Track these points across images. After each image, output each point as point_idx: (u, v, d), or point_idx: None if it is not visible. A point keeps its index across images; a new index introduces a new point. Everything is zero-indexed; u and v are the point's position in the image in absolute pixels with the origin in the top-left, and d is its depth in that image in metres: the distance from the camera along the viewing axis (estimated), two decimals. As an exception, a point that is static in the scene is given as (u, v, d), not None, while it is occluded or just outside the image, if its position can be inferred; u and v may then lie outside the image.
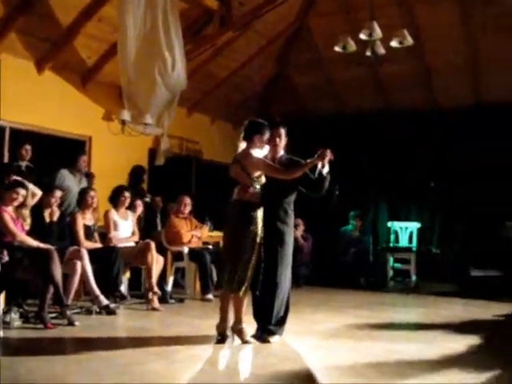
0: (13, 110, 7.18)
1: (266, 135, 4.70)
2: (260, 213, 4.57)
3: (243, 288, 4.52)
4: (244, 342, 4.61)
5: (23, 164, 6.84)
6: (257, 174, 4.58)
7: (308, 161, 4.60)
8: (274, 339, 4.72)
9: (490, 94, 9.74)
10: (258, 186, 4.59)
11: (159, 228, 8.24)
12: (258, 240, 4.55)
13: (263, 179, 4.64)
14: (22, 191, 5.37)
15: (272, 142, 4.80)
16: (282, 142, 4.89)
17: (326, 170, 4.68)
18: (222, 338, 4.65)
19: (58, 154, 7.73)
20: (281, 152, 4.90)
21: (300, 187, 4.81)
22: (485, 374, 3.80)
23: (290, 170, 4.66)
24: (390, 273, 9.54)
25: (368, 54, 7.24)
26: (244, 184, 4.58)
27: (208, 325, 5.47)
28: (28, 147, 6.86)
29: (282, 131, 4.87)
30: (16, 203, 5.37)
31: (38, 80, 7.67)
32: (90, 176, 7.72)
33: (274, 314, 4.74)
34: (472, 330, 5.44)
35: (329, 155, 4.60)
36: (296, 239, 8.65)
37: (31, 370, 3.68)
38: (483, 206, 9.58)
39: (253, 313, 4.85)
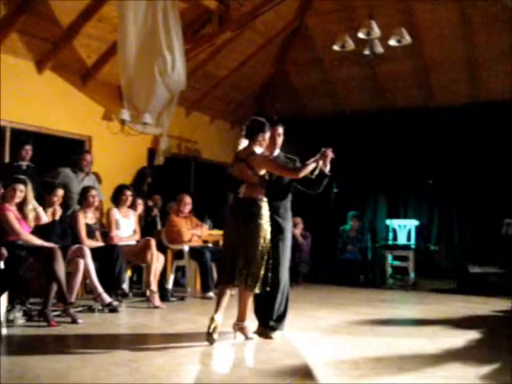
0: (13, 110, 7.22)
1: (268, 134, 4.77)
2: (267, 210, 4.62)
3: (258, 284, 4.55)
4: (247, 338, 4.65)
5: (24, 164, 6.86)
6: (263, 172, 4.64)
7: (311, 160, 4.66)
8: (276, 335, 4.77)
9: (488, 92, 9.80)
10: (263, 184, 4.65)
11: (159, 227, 8.29)
12: (269, 236, 4.60)
13: (267, 177, 4.70)
14: (20, 186, 5.38)
15: (271, 141, 4.86)
16: (280, 140, 4.97)
17: (327, 168, 4.75)
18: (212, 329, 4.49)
19: (58, 153, 7.75)
20: (277, 150, 4.98)
21: (298, 185, 4.88)
22: (485, 368, 3.85)
23: (296, 169, 4.73)
24: (389, 270, 9.61)
25: (366, 52, 7.30)
26: (250, 182, 4.63)
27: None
28: (28, 147, 6.88)
29: (281, 130, 4.95)
30: (17, 199, 5.39)
31: (38, 80, 7.70)
32: (97, 176, 7.73)
33: (275, 309, 4.79)
34: (471, 326, 5.50)
35: (330, 154, 4.68)
36: (295, 237, 8.73)
37: (35, 367, 3.70)
38: (482, 203, 9.66)
39: (254, 309, 4.90)
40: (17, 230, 5.30)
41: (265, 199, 4.64)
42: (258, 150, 4.67)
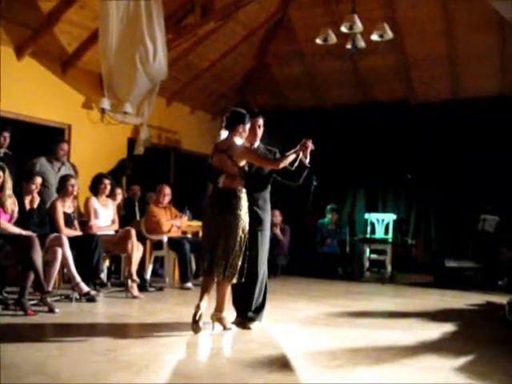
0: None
1: (248, 125, 4.77)
2: (245, 201, 4.63)
3: (236, 275, 4.58)
4: (225, 329, 4.67)
5: (1, 151, 6.78)
6: (243, 163, 4.65)
7: (291, 151, 4.70)
8: (254, 325, 4.80)
9: (468, 88, 9.91)
10: (242, 175, 4.66)
11: (138, 217, 8.26)
12: (247, 227, 4.61)
13: (246, 168, 4.70)
14: None
15: (251, 132, 4.88)
16: (260, 131, 4.99)
17: (307, 160, 4.78)
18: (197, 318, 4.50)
19: (37, 141, 7.65)
20: (257, 142, 5.00)
21: (277, 176, 4.92)
22: (461, 359, 3.91)
23: (276, 160, 4.77)
24: (367, 263, 9.71)
25: (349, 46, 7.33)
26: (230, 173, 4.63)
27: (188, 312, 5.50)
28: (6, 134, 6.78)
29: (261, 121, 4.98)
30: None
31: (17, 66, 7.58)
32: (74, 168, 7.65)
33: (253, 301, 4.82)
34: (447, 319, 5.58)
35: (310, 145, 4.71)
36: (274, 234, 8.79)
37: (12, 356, 3.67)
38: (459, 198, 9.77)
39: (232, 300, 4.92)
40: (-7, 217, 5.26)
41: (244, 190, 4.65)
42: (238, 141, 4.68)
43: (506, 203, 8.78)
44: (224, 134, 4.78)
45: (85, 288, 5.82)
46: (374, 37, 7.28)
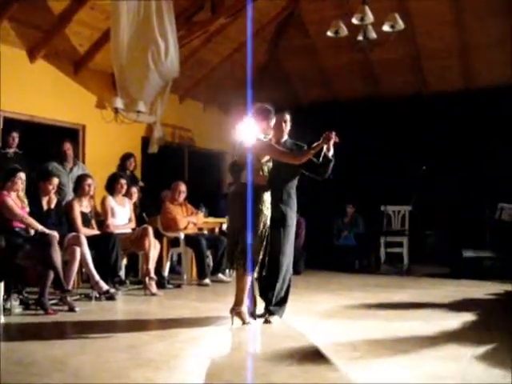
0: (6, 99, 7.15)
1: (273, 121, 4.82)
2: (268, 196, 4.67)
3: (256, 268, 4.61)
4: (244, 323, 4.69)
5: (10, 151, 6.88)
6: (266, 158, 4.69)
7: (314, 144, 4.70)
8: (275, 319, 4.82)
9: (480, 78, 9.82)
10: (266, 170, 4.70)
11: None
12: (268, 222, 4.64)
13: (270, 164, 4.75)
14: (22, 176, 5.46)
15: (278, 127, 4.92)
16: (287, 127, 5.03)
17: (331, 152, 4.79)
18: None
19: (52, 143, 7.71)
20: (285, 137, 5.04)
21: (304, 171, 4.93)
22: (482, 348, 3.89)
23: (297, 155, 4.78)
24: (383, 256, 9.67)
25: (360, 38, 7.29)
26: (253, 168, 4.66)
27: (207, 308, 5.60)
28: (15, 134, 6.89)
29: (287, 117, 5.03)
30: (19, 189, 5.45)
31: (30, 69, 7.65)
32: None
33: (275, 295, 4.84)
34: (466, 309, 5.54)
35: (333, 138, 4.70)
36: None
37: (33, 354, 3.71)
38: (476, 188, 9.69)
39: (259, 292, 4.97)
40: (19, 213, 5.36)
41: (267, 185, 4.67)
42: (262, 136, 4.71)
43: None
44: (249, 129, 4.81)
45: (104, 286, 5.86)
46: (386, 28, 7.23)
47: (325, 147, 4.72)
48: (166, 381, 3.25)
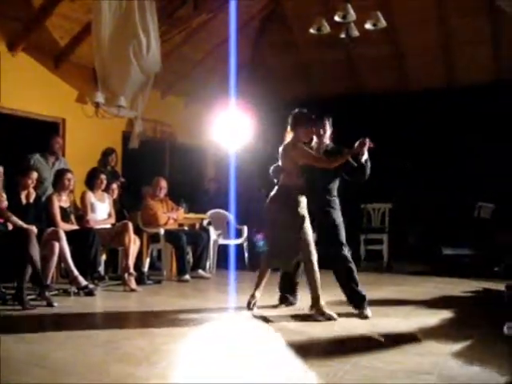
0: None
1: (310, 126, 5.03)
2: (304, 198, 4.89)
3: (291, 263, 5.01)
4: (332, 319, 4.80)
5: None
6: (301, 162, 4.91)
7: (347, 150, 4.91)
8: (367, 312, 4.98)
9: (462, 75, 9.90)
10: (301, 173, 4.94)
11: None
12: (306, 223, 4.86)
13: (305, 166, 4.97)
14: (0, 169, 5.38)
15: (317, 133, 5.15)
16: (327, 132, 5.27)
17: (364, 157, 4.97)
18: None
19: (31, 136, 7.65)
20: (327, 141, 5.24)
21: (344, 174, 5.14)
22: (459, 344, 3.93)
23: (331, 160, 4.96)
24: (363, 253, 9.71)
25: (342, 36, 7.30)
26: (288, 171, 4.93)
27: (187, 304, 5.57)
28: None
29: (326, 122, 5.27)
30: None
31: (10, 61, 7.55)
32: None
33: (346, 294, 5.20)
34: (444, 306, 5.60)
35: (368, 143, 4.90)
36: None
37: (12, 349, 3.67)
38: (455, 186, 9.77)
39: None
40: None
41: (303, 188, 4.88)
42: (302, 141, 4.98)
43: (502, 190, 8.79)
44: (290, 135, 5.05)
45: (83, 282, 5.82)
46: (368, 26, 7.25)
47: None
48: (146, 376, 3.23)
